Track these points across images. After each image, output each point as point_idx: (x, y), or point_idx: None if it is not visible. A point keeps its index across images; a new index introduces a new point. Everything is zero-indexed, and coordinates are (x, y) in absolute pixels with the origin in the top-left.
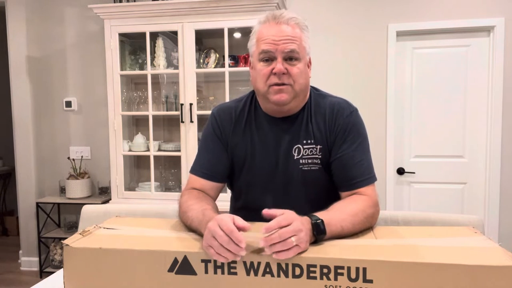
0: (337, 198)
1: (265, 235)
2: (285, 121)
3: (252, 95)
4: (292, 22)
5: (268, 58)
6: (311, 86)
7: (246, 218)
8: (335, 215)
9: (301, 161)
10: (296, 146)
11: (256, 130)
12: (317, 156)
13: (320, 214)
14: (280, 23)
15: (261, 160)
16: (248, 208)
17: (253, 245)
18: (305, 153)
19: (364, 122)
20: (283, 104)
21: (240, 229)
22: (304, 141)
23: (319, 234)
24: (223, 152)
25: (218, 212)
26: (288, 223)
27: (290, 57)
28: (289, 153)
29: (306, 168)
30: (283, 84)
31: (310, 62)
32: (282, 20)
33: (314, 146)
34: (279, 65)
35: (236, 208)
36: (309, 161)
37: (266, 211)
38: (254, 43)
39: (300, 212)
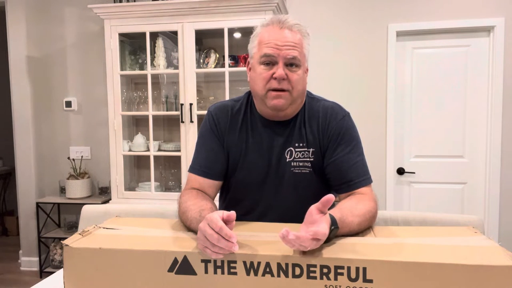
0: None
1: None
2: (280, 124)
3: (248, 96)
4: (295, 29)
5: (270, 62)
6: None
7: (236, 217)
8: (347, 218)
9: (292, 163)
10: (289, 149)
11: (251, 131)
12: (308, 159)
13: (334, 214)
14: (283, 28)
15: (254, 161)
16: (238, 207)
17: (252, 245)
18: (297, 156)
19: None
20: (280, 109)
21: (228, 221)
22: (297, 144)
23: (327, 239)
24: (221, 149)
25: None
26: (322, 240)
27: (291, 63)
28: (281, 155)
29: (297, 171)
30: (282, 90)
31: (307, 69)
32: (286, 25)
33: (306, 149)
34: (280, 70)
35: (226, 206)
36: (300, 164)
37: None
38: (256, 45)
39: (290, 212)
